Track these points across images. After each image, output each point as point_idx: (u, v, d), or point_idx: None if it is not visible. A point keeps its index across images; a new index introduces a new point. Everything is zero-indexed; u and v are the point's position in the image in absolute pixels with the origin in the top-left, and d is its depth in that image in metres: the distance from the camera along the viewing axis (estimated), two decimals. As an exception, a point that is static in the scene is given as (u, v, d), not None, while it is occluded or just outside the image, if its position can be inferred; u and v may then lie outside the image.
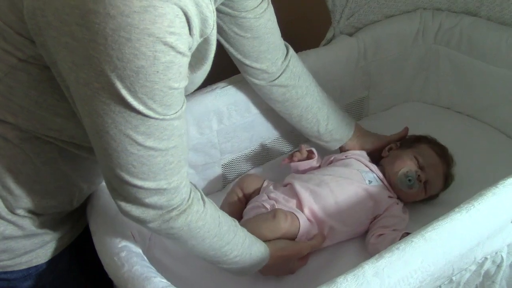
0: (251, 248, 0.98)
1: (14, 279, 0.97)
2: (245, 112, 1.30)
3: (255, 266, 1.01)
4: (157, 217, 0.82)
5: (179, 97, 0.74)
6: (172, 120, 0.74)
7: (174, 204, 0.82)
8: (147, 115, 0.71)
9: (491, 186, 0.94)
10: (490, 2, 1.42)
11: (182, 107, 0.76)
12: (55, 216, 0.98)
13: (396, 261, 0.82)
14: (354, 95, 1.53)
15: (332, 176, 1.20)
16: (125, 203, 0.80)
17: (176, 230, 0.85)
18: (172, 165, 0.78)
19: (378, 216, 1.20)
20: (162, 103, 0.71)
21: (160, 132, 0.73)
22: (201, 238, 0.88)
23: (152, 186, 0.77)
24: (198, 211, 0.86)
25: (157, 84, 0.68)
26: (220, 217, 0.92)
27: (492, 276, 1.02)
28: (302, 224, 1.11)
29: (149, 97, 0.69)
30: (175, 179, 0.79)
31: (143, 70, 0.66)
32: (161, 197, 0.79)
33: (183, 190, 0.82)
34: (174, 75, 0.70)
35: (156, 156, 0.75)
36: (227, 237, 0.92)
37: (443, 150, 1.30)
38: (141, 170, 0.75)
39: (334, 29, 1.45)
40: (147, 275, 0.86)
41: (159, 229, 0.84)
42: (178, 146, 0.77)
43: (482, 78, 1.47)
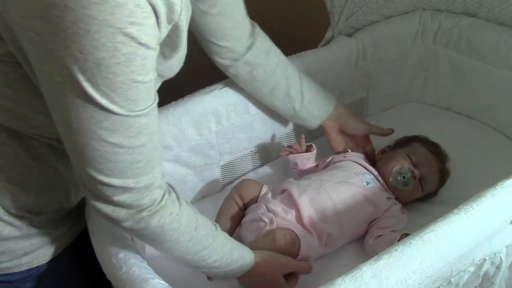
0: (233, 253, 0.96)
1: (15, 280, 0.97)
2: (244, 113, 1.30)
3: (238, 271, 0.98)
4: (127, 216, 0.80)
5: (145, 92, 0.72)
6: (139, 117, 0.72)
7: (144, 204, 0.80)
8: (111, 110, 0.69)
9: (490, 187, 0.93)
10: (489, 2, 1.42)
11: (151, 104, 0.74)
12: (54, 215, 0.97)
13: (394, 263, 0.82)
14: (353, 96, 1.53)
15: (330, 181, 1.19)
16: (96, 200, 0.78)
17: (149, 231, 0.83)
18: (140, 164, 0.76)
19: (377, 218, 1.20)
20: (126, 97, 0.69)
21: (125, 128, 0.71)
22: (176, 241, 0.86)
23: (118, 184, 0.75)
24: (172, 213, 0.84)
25: (119, 76, 0.67)
26: (198, 220, 0.90)
27: (491, 278, 1.01)
28: (302, 241, 1.10)
29: (111, 89, 0.67)
30: (144, 179, 0.77)
31: (104, 62, 0.65)
32: (130, 195, 0.77)
33: (155, 191, 0.80)
34: (137, 67, 0.68)
35: (122, 153, 0.73)
36: (205, 241, 0.90)
37: (436, 147, 1.32)
38: (106, 166, 0.73)
39: (333, 30, 1.44)
40: (145, 276, 0.86)
41: (132, 229, 0.83)
42: (147, 145, 0.75)
43: (481, 79, 1.47)
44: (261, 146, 1.39)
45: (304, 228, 1.13)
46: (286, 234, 1.09)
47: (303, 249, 1.09)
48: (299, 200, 1.15)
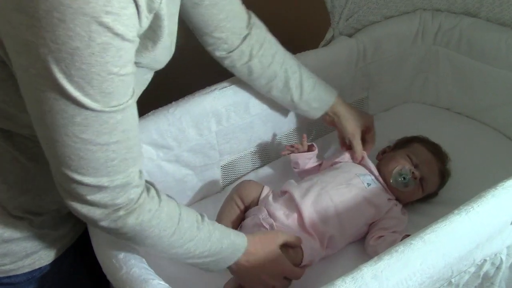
0: (222, 241, 0.93)
1: (19, 282, 0.96)
2: (244, 113, 1.30)
3: (230, 258, 0.95)
4: (103, 216, 0.78)
5: (121, 86, 0.70)
6: (114, 113, 0.70)
7: (120, 204, 0.78)
8: (83, 103, 0.67)
9: (491, 188, 0.93)
10: (490, 3, 1.41)
11: (127, 100, 0.72)
12: (54, 215, 0.97)
13: (395, 264, 0.82)
14: (354, 96, 1.53)
15: (331, 184, 1.19)
16: (71, 200, 0.76)
17: (128, 229, 0.81)
18: (115, 162, 0.74)
19: (378, 219, 1.20)
20: (100, 90, 0.67)
21: (99, 124, 0.70)
22: (157, 237, 0.84)
23: (92, 182, 0.73)
24: (151, 210, 0.82)
25: (93, 67, 0.65)
26: (181, 214, 0.87)
27: (491, 278, 1.01)
28: (304, 248, 1.09)
29: (85, 81, 0.66)
30: (119, 178, 0.75)
31: (78, 52, 0.64)
32: (104, 195, 0.75)
33: (131, 190, 0.78)
34: (112, 58, 0.66)
35: (95, 150, 0.71)
36: (190, 234, 0.88)
37: (436, 147, 1.32)
38: (79, 164, 0.72)
39: (333, 30, 1.44)
40: (145, 277, 0.86)
41: (110, 229, 0.80)
42: (122, 143, 0.73)
43: (482, 79, 1.47)
44: (261, 146, 1.39)
45: (305, 232, 1.13)
46: (288, 246, 1.07)
47: (306, 255, 1.08)
48: (301, 203, 1.15)
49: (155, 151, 1.20)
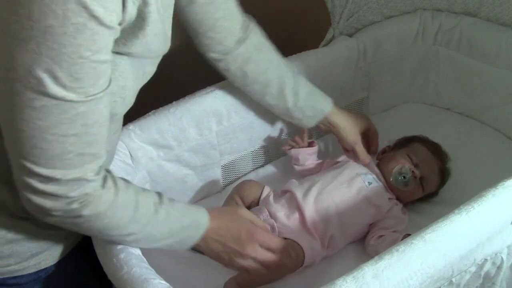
0: (183, 219, 0.90)
1: (24, 283, 0.96)
2: (244, 113, 1.30)
3: (194, 235, 0.92)
4: (56, 207, 0.74)
5: (92, 73, 0.67)
6: (75, 104, 0.67)
7: (74, 197, 0.74)
8: (46, 86, 0.64)
9: (491, 188, 0.93)
10: (490, 3, 1.42)
11: (96, 93, 0.69)
12: None
13: (395, 263, 0.82)
14: (354, 96, 1.53)
15: (332, 183, 1.19)
16: (24, 190, 0.73)
17: (82, 221, 0.78)
18: (71, 156, 0.70)
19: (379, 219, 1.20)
20: (69, 73, 0.64)
21: (58, 113, 0.66)
22: (115, 226, 0.82)
23: (44, 173, 0.70)
24: (107, 201, 0.79)
25: (65, 47, 0.63)
26: (138, 200, 0.84)
27: (492, 278, 1.01)
28: (306, 250, 1.09)
29: (54, 62, 0.63)
30: (73, 172, 0.72)
31: (50, 30, 0.61)
32: (57, 187, 0.72)
33: (86, 185, 0.74)
34: (85, 41, 0.64)
35: (51, 140, 0.68)
36: (147, 218, 0.85)
37: (436, 147, 1.32)
38: (32, 152, 0.68)
39: (333, 30, 1.44)
40: (146, 276, 0.86)
41: (64, 222, 0.78)
42: (81, 136, 0.70)
43: (482, 79, 1.47)
44: (261, 146, 1.39)
45: (307, 232, 1.13)
46: (289, 249, 1.07)
47: (307, 256, 1.09)
48: (303, 203, 1.15)
49: (156, 151, 1.20)
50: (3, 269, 0.92)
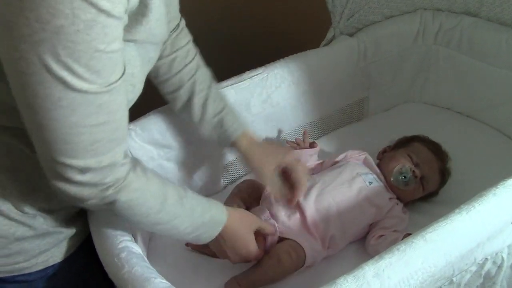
0: (204, 216, 0.93)
1: (33, 280, 0.96)
2: (245, 112, 1.30)
3: (210, 233, 0.96)
4: (93, 195, 0.77)
5: (109, 64, 0.69)
6: (100, 94, 0.69)
7: (109, 182, 0.77)
8: (70, 83, 0.66)
9: (492, 187, 0.94)
10: (490, 2, 1.42)
11: (116, 81, 0.71)
12: (67, 212, 0.97)
13: (396, 262, 0.82)
14: (354, 95, 1.53)
15: (333, 183, 1.19)
16: (59, 182, 0.75)
17: (116, 207, 0.81)
18: (102, 143, 0.73)
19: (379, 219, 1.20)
20: (88, 67, 0.66)
21: (85, 106, 0.69)
22: (145, 214, 0.85)
23: (80, 165, 0.73)
24: (138, 189, 0.82)
25: (80, 44, 0.64)
26: (166, 191, 0.87)
27: (493, 277, 1.01)
28: (307, 250, 1.09)
29: (72, 59, 0.65)
30: (105, 158, 0.75)
31: (63, 30, 0.62)
32: (93, 175, 0.75)
33: (118, 169, 0.78)
34: (98, 35, 0.65)
35: (82, 133, 0.71)
36: (175, 211, 0.88)
37: (436, 146, 1.32)
38: (66, 147, 0.71)
39: (334, 30, 1.45)
40: (147, 276, 0.86)
41: (99, 206, 0.80)
42: (109, 124, 0.73)
43: (482, 79, 1.47)
44: (262, 145, 1.39)
45: (308, 233, 1.13)
46: (290, 250, 1.08)
47: (308, 257, 1.09)
48: (304, 203, 1.15)
49: (156, 151, 1.20)
50: (11, 267, 0.93)
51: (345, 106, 1.53)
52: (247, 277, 1.06)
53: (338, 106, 1.51)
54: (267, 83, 1.32)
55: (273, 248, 1.09)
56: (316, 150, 1.31)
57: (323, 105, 1.46)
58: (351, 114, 1.57)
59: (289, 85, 1.36)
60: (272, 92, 1.34)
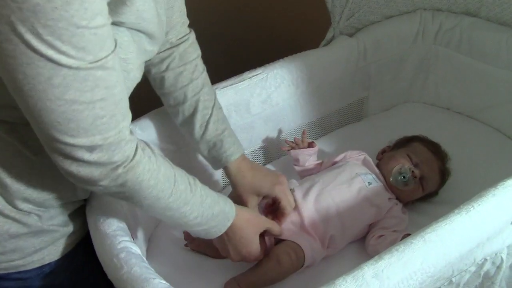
0: (213, 207, 0.93)
1: (29, 278, 0.96)
2: (245, 112, 1.30)
3: (219, 228, 0.96)
4: (103, 175, 0.76)
5: (95, 40, 0.67)
6: (92, 70, 0.68)
7: (118, 161, 0.76)
8: (58, 61, 0.65)
9: (491, 187, 0.93)
10: (490, 2, 1.42)
11: (106, 56, 0.69)
12: (63, 211, 0.97)
13: (395, 263, 0.82)
14: (354, 95, 1.53)
15: (332, 183, 1.19)
16: (69, 164, 0.74)
17: (127, 189, 0.80)
18: (105, 120, 0.72)
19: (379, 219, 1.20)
20: (73, 45, 0.65)
21: (79, 83, 0.67)
22: (156, 197, 0.84)
23: (86, 143, 0.72)
24: (149, 170, 0.81)
25: (59, 22, 0.63)
26: (176, 175, 0.87)
27: (492, 277, 1.01)
28: (306, 250, 1.09)
29: (55, 37, 0.63)
30: (111, 134, 0.74)
31: (39, 8, 0.61)
32: (100, 154, 0.74)
33: (126, 146, 0.76)
34: (77, 11, 0.63)
35: (82, 110, 0.69)
36: (185, 196, 0.88)
37: (436, 147, 1.32)
38: (69, 127, 0.70)
39: (333, 30, 1.45)
40: (146, 276, 0.86)
41: (110, 188, 0.79)
42: (108, 99, 0.71)
43: (482, 79, 1.47)
44: (261, 146, 1.40)
45: (306, 233, 1.13)
46: (289, 250, 1.08)
47: (307, 258, 1.09)
48: (303, 203, 1.15)
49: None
50: (7, 264, 0.93)
51: (344, 106, 1.53)
52: (247, 278, 1.06)
53: (338, 106, 1.51)
54: (267, 83, 1.32)
55: (272, 249, 1.09)
56: (315, 150, 1.30)
57: (322, 105, 1.46)
58: (351, 114, 1.57)
59: (289, 85, 1.36)
60: (271, 92, 1.34)
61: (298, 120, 1.43)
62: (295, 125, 1.43)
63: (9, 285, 0.95)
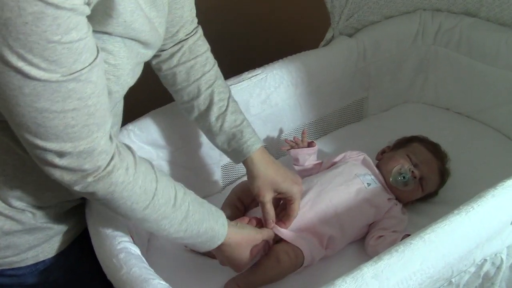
0: (200, 225, 0.91)
1: (22, 274, 0.96)
2: (244, 113, 1.29)
3: (208, 244, 0.95)
4: (74, 181, 0.76)
5: (68, 53, 0.66)
6: (63, 83, 0.67)
7: (88, 170, 0.76)
8: (29, 74, 0.65)
9: (491, 188, 0.93)
10: (490, 3, 1.42)
11: (83, 68, 0.68)
12: (57, 209, 0.97)
13: (395, 263, 0.82)
14: (354, 96, 1.53)
15: (331, 184, 1.19)
16: (43, 165, 0.75)
17: (99, 197, 0.80)
18: (76, 129, 0.72)
19: (378, 219, 1.20)
20: (44, 58, 0.65)
21: (50, 94, 0.67)
22: (130, 209, 0.83)
23: (55, 148, 0.72)
24: (123, 182, 0.79)
25: (30, 36, 0.63)
26: (157, 189, 0.85)
27: (492, 278, 1.01)
28: (305, 250, 1.09)
29: (26, 50, 0.63)
30: (82, 143, 0.73)
31: (10, 22, 0.61)
32: (70, 160, 0.74)
33: (98, 157, 0.75)
34: (49, 27, 0.63)
35: (52, 118, 0.69)
36: (163, 210, 0.86)
37: (435, 147, 1.32)
38: (38, 130, 0.70)
39: (333, 30, 1.45)
40: (146, 277, 0.86)
41: (84, 193, 0.79)
42: (80, 110, 0.71)
43: (482, 79, 1.47)
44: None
45: (306, 233, 1.12)
46: (289, 250, 1.08)
47: (306, 258, 1.09)
48: (302, 204, 1.14)
49: (155, 151, 1.20)
50: (1, 261, 0.93)
51: (344, 107, 1.53)
52: (246, 278, 1.06)
53: (337, 107, 1.51)
54: (266, 84, 1.32)
55: (271, 248, 1.09)
56: (314, 150, 1.30)
57: (322, 105, 1.46)
58: (350, 115, 1.57)
59: (288, 86, 1.36)
60: (271, 92, 1.34)
61: (297, 120, 1.43)
62: (295, 126, 1.43)
63: (3, 281, 0.95)
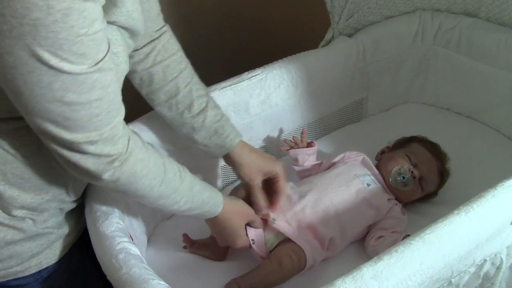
0: (203, 193, 0.98)
1: (27, 284, 0.96)
2: (244, 113, 1.30)
3: (211, 212, 1.01)
4: (103, 168, 0.80)
5: (93, 45, 0.70)
6: (90, 74, 0.71)
7: (114, 155, 0.80)
8: (60, 68, 0.68)
9: (490, 188, 0.93)
10: (490, 3, 1.42)
11: (103, 58, 0.72)
12: (57, 213, 0.97)
13: (394, 264, 0.82)
14: (353, 96, 1.53)
15: (331, 185, 1.19)
16: (73, 157, 0.78)
17: (123, 181, 0.84)
18: (100, 117, 0.76)
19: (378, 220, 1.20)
20: (73, 52, 0.68)
21: (77, 86, 0.71)
22: (149, 187, 0.88)
23: (82, 139, 0.75)
24: (142, 159, 0.85)
25: (60, 33, 0.65)
26: (165, 163, 0.91)
27: (492, 278, 1.01)
28: (307, 252, 1.09)
29: (56, 47, 0.66)
30: (106, 130, 0.77)
31: (40, 22, 0.63)
32: (97, 147, 0.78)
33: (119, 140, 0.80)
34: (76, 21, 0.66)
35: (79, 110, 0.73)
36: (174, 183, 0.92)
37: (435, 147, 1.32)
38: (67, 124, 0.73)
39: (333, 30, 1.45)
40: (145, 277, 0.86)
41: (109, 181, 0.82)
42: (103, 98, 0.75)
43: (481, 79, 1.47)
44: (261, 146, 1.39)
45: (307, 235, 1.12)
46: (291, 252, 1.07)
47: (309, 260, 1.08)
48: (302, 206, 1.15)
49: (155, 151, 1.20)
50: (5, 271, 0.93)
51: (343, 107, 1.53)
52: (247, 280, 1.05)
53: (337, 107, 1.51)
54: (266, 84, 1.32)
55: (274, 252, 1.09)
56: (314, 150, 1.30)
57: (321, 106, 1.46)
58: (350, 115, 1.57)
59: (288, 86, 1.36)
60: (270, 93, 1.34)
61: (297, 120, 1.43)
62: (294, 126, 1.43)
63: None
